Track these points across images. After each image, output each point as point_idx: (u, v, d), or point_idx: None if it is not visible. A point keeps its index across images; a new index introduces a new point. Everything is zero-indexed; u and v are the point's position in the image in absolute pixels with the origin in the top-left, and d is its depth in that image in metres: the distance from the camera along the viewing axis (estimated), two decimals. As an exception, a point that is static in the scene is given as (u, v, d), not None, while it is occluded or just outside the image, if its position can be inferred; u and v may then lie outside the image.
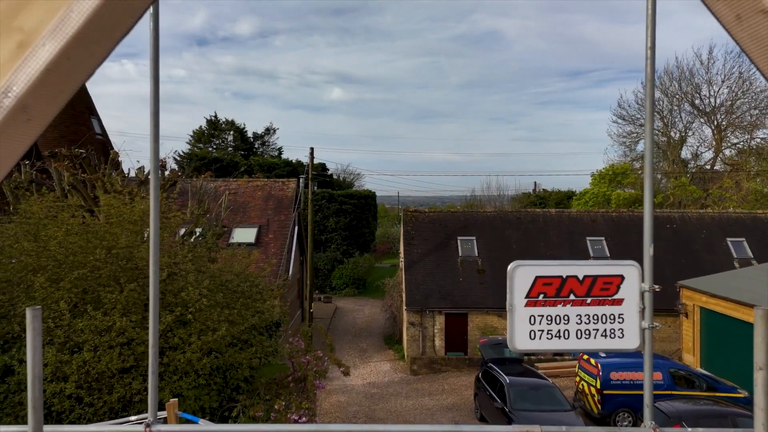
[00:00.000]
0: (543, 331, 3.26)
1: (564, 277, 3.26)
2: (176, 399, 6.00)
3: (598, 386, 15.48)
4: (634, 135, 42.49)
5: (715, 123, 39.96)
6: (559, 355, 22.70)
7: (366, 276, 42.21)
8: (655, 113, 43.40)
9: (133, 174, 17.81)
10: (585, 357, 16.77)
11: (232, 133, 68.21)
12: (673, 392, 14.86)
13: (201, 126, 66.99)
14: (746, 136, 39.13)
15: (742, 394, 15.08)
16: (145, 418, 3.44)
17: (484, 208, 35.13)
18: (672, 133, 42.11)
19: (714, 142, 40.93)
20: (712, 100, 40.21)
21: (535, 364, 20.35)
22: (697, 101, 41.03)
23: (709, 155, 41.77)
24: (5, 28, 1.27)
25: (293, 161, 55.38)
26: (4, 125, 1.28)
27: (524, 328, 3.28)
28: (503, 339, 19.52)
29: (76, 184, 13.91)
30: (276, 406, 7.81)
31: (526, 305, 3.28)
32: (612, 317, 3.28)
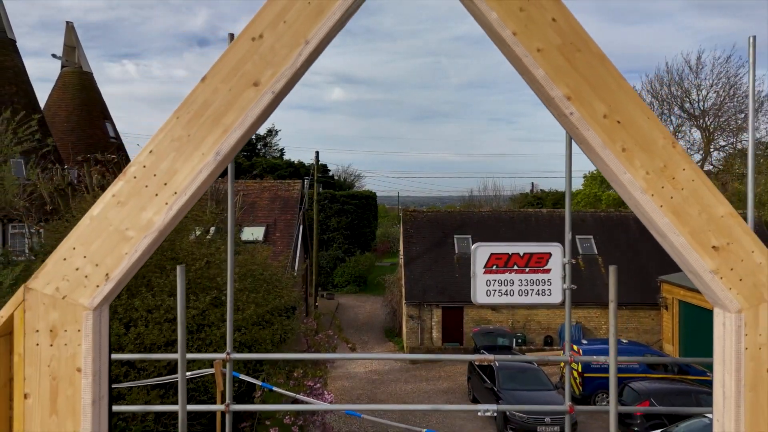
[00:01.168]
0: (495, 290, 4.77)
1: (510, 253, 4.77)
2: (221, 360, 7.56)
3: (580, 370, 16.99)
4: (626, 137, 44.00)
5: (704, 126, 41.47)
6: (548, 345, 24.22)
7: (367, 274, 43.65)
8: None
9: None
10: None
11: (234, 134, 69.03)
12: (647, 375, 16.37)
13: (204, 128, 67.79)
14: (732, 139, 40.66)
15: (711, 377, 16.57)
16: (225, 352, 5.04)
17: (480, 209, 36.64)
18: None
19: (702, 145, 42.43)
20: (700, 104, 41.71)
21: (526, 354, 21.85)
22: (686, 105, 42.53)
23: (698, 157, 43.24)
24: (216, 123, 2.75)
25: (295, 162, 56.82)
26: (214, 169, 2.77)
27: (483, 288, 4.79)
28: (494, 328, 21.06)
29: (105, 186, 15.42)
30: (295, 374, 9.32)
31: (484, 273, 4.79)
32: (543, 281, 4.78)
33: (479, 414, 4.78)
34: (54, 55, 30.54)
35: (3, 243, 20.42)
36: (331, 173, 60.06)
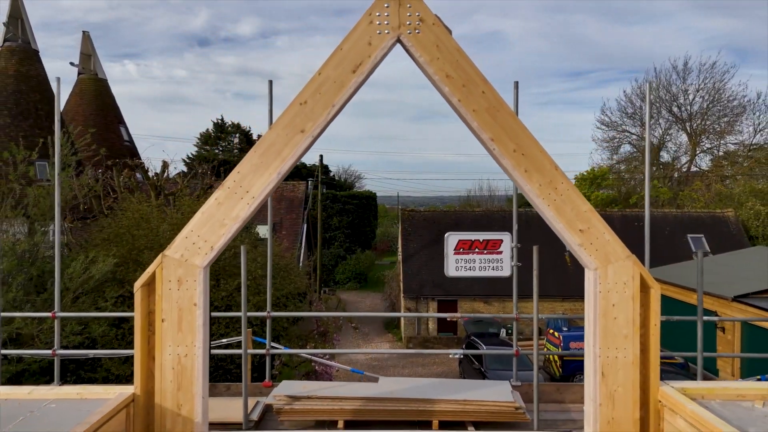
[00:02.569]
0: (462, 266, 6.53)
1: (472, 239, 6.53)
2: (251, 329, 9.37)
3: (560, 352, 18.76)
4: (616, 140, 45.76)
5: (690, 129, 43.23)
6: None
7: (367, 271, 45.31)
8: (635, 119, 46.28)
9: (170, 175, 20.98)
10: (551, 331, 20.04)
11: (237, 135, 70.47)
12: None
13: (208, 129, 69.42)
14: (717, 142, 42.46)
15: (678, 360, 18.36)
16: (266, 312, 6.81)
17: (474, 209, 38.41)
18: (652, 139, 45.37)
19: (690, 147, 44.21)
20: (687, 108, 43.46)
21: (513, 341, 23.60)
22: (674, 109, 44.29)
23: (684, 159, 45.04)
24: (278, 155, 4.52)
25: (297, 163, 58.47)
26: (276, 183, 4.53)
27: (453, 265, 6.55)
28: (483, 317, 22.80)
29: (131, 187, 17.21)
30: (307, 347, 11.07)
31: (454, 254, 6.55)
32: (496, 260, 6.53)
33: (450, 357, 6.27)
34: (72, 63, 32.30)
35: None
36: (332, 174, 61.77)
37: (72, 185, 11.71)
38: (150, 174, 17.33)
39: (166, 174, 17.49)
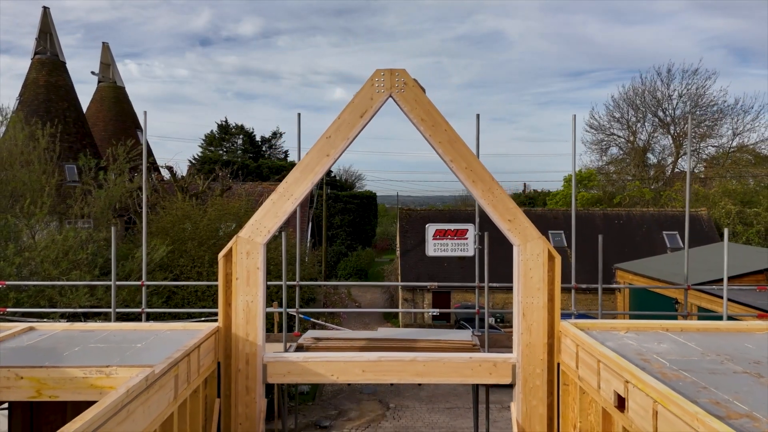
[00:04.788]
0: (438, 248, 8.95)
1: (446, 229, 8.95)
2: (276, 302, 11.75)
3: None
4: (604, 143, 48.20)
5: (673, 133, 45.65)
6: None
7: (367, 268, 47.72)
8: (623, 122, 48.61)
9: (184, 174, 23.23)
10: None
11: (241, 137, 72.53)
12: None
13: (212, 130, 71.47)
14: (697, 145, 44.81)
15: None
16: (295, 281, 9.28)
17: (467, 207, 40.84)
18: (638, 142, 47.78)
19: (674, 149, 46.62)
20: (671, 112, 45.88)
21: (503, 330, 26.00)
22: (659, 113, 46.70)
23: (670, 160, 47.45)
24: (311, 171, 6.93)
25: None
26: (311, 189, 6.95)
27: (432, 248, 8.97)
28: (472, 304, 25.20)
29: (158, 189, 19.62)
30: (320, 320, 13.48)
31: (432, 239, 8.96)
32: (464, 244, 8.94)
33: (430, 314, 8.29)
34: (93, 72, 34.69)
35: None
36: (333, 174, 64.12)
37: (127, 188, 14.06)
38: (177, 176, 19.74)
39: (191, 176, 19.90)
